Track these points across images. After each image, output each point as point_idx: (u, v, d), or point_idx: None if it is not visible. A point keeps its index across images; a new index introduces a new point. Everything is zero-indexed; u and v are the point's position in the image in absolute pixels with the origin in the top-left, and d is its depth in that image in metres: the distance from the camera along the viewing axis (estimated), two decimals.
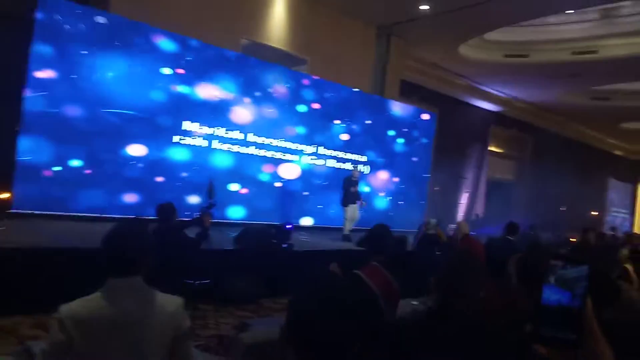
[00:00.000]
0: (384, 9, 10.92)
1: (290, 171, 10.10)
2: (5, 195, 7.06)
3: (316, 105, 10.46)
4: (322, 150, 10.60)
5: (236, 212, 9.26)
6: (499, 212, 15.60)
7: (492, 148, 17.66)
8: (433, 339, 1.32)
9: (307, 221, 10.35)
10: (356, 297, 1.18)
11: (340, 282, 1.27)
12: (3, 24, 7.46)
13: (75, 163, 7.51)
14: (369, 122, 11.41)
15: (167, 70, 8.30)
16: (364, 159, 11.36)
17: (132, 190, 8.05)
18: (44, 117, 7.18)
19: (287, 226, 7.16)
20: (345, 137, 11.00)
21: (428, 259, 5.89)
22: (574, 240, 8.84)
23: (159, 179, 8.30)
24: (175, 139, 8.47)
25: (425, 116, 12.94)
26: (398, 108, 12.20)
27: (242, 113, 9.32)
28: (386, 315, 2.84)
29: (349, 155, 11.04)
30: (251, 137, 9.44)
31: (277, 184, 9.92)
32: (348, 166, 10.66)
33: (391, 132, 11.96)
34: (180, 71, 8.46)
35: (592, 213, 20.72)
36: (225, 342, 4.43)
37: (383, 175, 11.83)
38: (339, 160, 10.89)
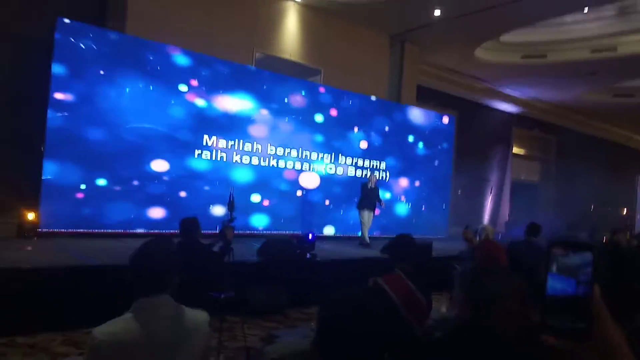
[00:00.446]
0: (397, 16, 10.91)
1: (310, 180, 10.13)
2: (32, 214, 7.23)
3: (333, 115, 10.49)
4: (341, 158, 10.61)
5: (259, 223, 9.32)
6: (525, 214, 15.33)
7: (516, 150, 17.42)
8: (463, 353, 1.30)
9: (329, 230, 10.35)
10: (375, 307, 1.18)
11: (361, 294, 1.27)
12: (24, 45, 7.70)
13: (101, 182, 7.67)
14: (387, 128, 11.38)
15: (184, 87, 8.45)
16: (383, 165, 11.33)
17: (158, 204, 8.19)
18: (68, 136, 7.37)
19: (309, 236, 7.16)
20: (364, 144, 10.99)
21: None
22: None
23: (182, 193, 8.42)
24: (196, 153, 8.60)
25: (445, 120, 12.86)
26: (416, 113, 12.15)
27: (260, 125, 9.41)
28: (411, 324, 2.81)
29: (368, 163, 11.02)
30: (270, 149, 9.51)
31: (299, 193, 9.96)
32: (368, 173, 10.64)
33: (410, 138, 11.91)
34: (198, 87, 8.60)
35: (623, 212, 20.21)
36: (253, 355, 4.44)
37: (404, 181, 11.77)
38: (359, 167, 10.87)
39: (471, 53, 12.70)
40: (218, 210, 8.43)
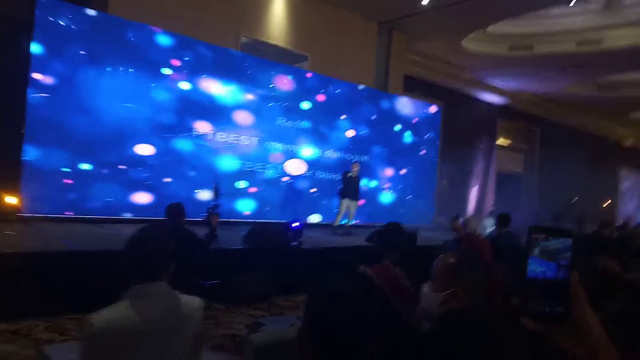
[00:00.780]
0: (385, 3, 10.84)
1: (296, 167, 10.09)
2: (12, 198, 7.09)
3: (320, 102, 10.43)
4: (327, 146, 10.57)
5: (244, 210, 9.27)
6: (509, 205, 15.49)
7: (501, 141, 17.56)
8: (451, 342, 1.29)
9: (315, 218, 10.34)
10: (363, 296, 1.17)
11: (349, 282, 1.25)
12: (3, 24, 7.48)
13: (84, 166, 7.54)
14: (374, 117, 11.37)
15: (167, 70, 8.31)
16: (370, 154, 11.31)
17: (142, 190, 8.08)
18: (48, 118, 7.20)
19: (294, 224, 7.13)
20: (351, 132, 10.96)
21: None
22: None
23: (167, 179, 8.32)
24: (181, 137, 8.48)
25: (432, 109, 12.90)
26: (403, 102, 12.15)
27: (246, 110, 9.31)
28: (401, 314, 2.81)
29: (354, 151, 10.99)
30: (256, 134, 9.43)
31: (285, 179, 9.91)
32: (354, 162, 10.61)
33: (397, 127, 11.92)
34: (181, 70, 8.46)
35: (605, 204, 20.53)
36: (238, 342, 4.43)
37: (390, 169, 11.79)
38: (345, 155, 10.83)
39: (458, 43, 12.71)
40: (203, 196, 8.35)
